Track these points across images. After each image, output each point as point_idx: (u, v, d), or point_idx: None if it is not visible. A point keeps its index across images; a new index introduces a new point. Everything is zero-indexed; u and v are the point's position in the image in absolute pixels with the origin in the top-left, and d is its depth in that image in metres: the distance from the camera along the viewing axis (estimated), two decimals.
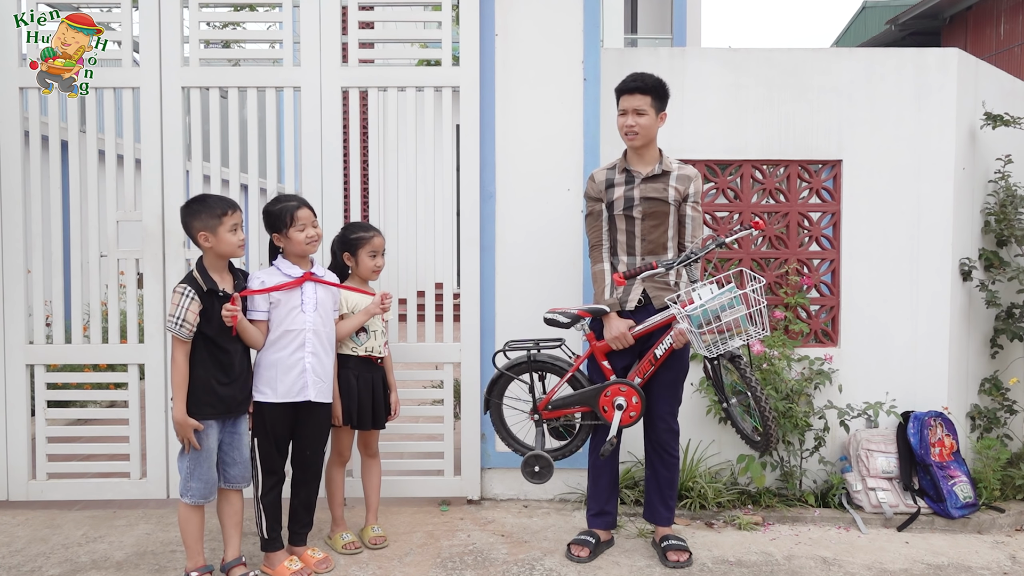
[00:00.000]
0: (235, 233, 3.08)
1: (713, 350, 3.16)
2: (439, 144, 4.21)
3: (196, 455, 3.07)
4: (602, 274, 3.42)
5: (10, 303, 4.06)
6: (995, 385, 4.56)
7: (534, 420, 3.52)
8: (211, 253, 3.09)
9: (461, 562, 3.43)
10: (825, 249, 4.41)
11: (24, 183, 4.05)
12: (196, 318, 3.01)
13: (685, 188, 3.38)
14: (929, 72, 4.32)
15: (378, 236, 3.56)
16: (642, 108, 3.32)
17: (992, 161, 4.56)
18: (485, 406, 3.61)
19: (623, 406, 3.29)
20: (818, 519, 3.98)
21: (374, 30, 4.24)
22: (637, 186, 3.37)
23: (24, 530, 3.77)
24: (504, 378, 3.56)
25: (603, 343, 3.38)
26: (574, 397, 3.43)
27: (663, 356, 3.31)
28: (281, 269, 3.27)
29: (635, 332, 3.33)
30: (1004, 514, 4.00)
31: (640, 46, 12.48)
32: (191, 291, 3.00)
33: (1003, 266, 4.48)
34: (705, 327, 3.11)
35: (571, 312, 3.37)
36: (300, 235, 3.22)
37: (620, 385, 3.32)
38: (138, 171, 4.10)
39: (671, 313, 3.23)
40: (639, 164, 3.41)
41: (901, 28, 12.70)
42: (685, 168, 3.42)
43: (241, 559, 3.27)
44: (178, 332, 2.99)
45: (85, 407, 4.69)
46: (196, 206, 3.09)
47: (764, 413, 3.15)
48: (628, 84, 3.37)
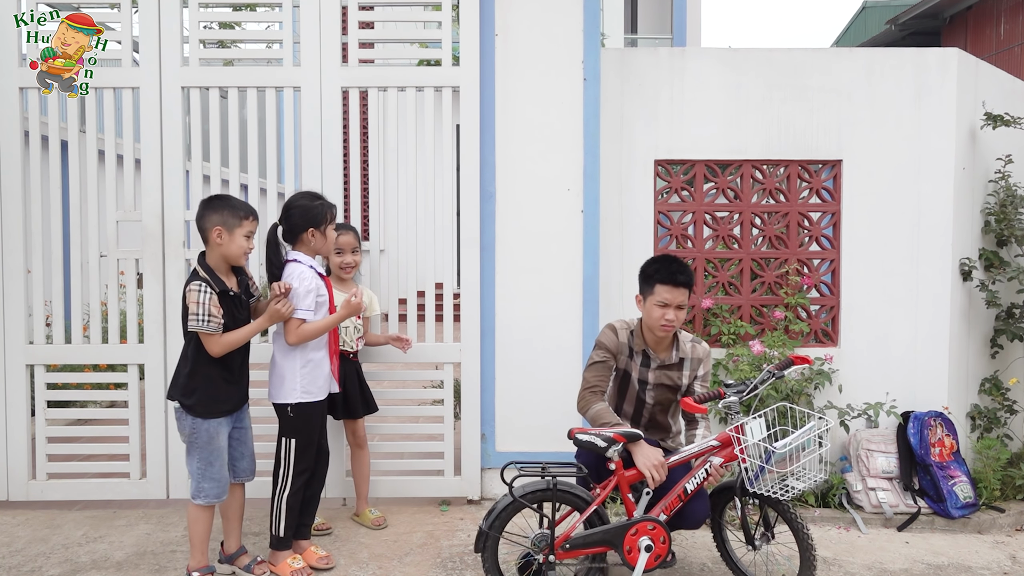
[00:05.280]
0: (248, 240, 3.11)
1: (775, 491, 2.83)
2: (439, 144, 4.21)
3: (209, 455, 3.07)
4: (606, 411, 3.07)
5: (10, 303, 4.06)
6: (995, 385, 4.56)
7: (544, 562, 2.90)
8: (217, 252, 3.08)
9: (461, 562, 3.43)
10: (825, 249, 4.41)
11: (24, 183, 4.05)
12: (220, 309, 3.00)
13: (695, 371, 3.20)
14: (929, 72, 4.32)
15: (345, 234, 3.64)
16: (684, 303, 3.06)
17: (992, 161, 4.56)
18: (481, 542, 2.95)
19: (651, 547, 2.87)
20: (818, 519, 3.98)
21: (374, 30, 4.24)
22: (652, 370, 3.18)
23: (24, 530, 3.77)
24: (514, 507, 2.93)
25: (632, 473, 2.96)
26: (597, 535, 2.91)
27: (694, 491, 2.98)
28: (315, 268, 3.32)
29: (670, 462, 2.98)
30: (1004, 514, 4.00)
31: (640, 46, 12.48)
32: (206, 286, 2.99)
33: (1003, 266, 4.47)
34: (776, 465, 2.79)
35: (607, 435, 2.89)
36: (333, 234, 3.37)
37: (648, 523, 2.90)
38: (138, 171, 4.10)
39: (710, 444, 2.95)
40: (657, 348, 3.19)
41: (901, 28, 12.69)
42: (698, 348, 3.22)
43: (243, 548, 3.31)
44: (207, 328, 2.98)
45: (85, 407, 4.69)
46: (219, 203, 3.10)
47: (807, 555, 2.88)
48: (676, 278, 3.03)
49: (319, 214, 3.27)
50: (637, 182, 4.30)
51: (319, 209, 3.27)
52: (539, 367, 4.09)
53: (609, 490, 2.98)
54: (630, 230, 4.28)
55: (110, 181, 4.08)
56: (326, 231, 3.31)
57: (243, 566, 3.28)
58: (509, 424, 4.12)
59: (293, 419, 3.25)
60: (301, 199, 3.30)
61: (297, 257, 3.28)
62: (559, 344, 4.08)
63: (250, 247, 3.13)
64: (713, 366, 4.23)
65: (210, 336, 3.00)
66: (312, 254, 3.33)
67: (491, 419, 4.13)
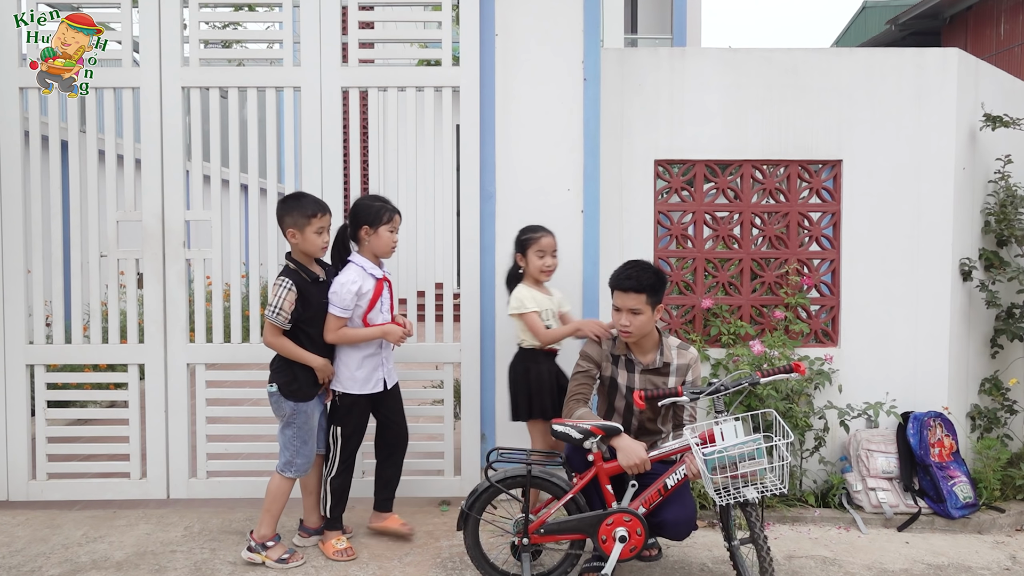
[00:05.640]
0: (320, 235, 3.34)
1: (723, 496, 2.85)
2: (439, 144, 4.21)
3: (305, 434, 3.36)
4: (588, 414, 3.16)
5: (10, 303, 4.07)
6: (995, 385, 4.56)
7: (520, 544, 3.07)
8: (296, 249, 3.36)
9: (461, 562, 3.43)
10: (825, 249, 4.41)
11: (24, 183, 4.05)
12: (292, 307, 3.27)
13: (682, 377, 3.20)
14: (929, 72, 4.32)
15: (547, 236, 3.67)
16: (637, 308, 3.07)
17: (992, 161, 4.56)
18: (462, 520, 3.15)
19: (626, 538, 2.95)
20: (818, 519, 3.98)
21: (374, 30, 4.24)
22: (638, 375, 3.20)
23: (24, 530, 3.77)
24: (492, 491, 3.13)
25: (611, 465, 3.04)
26: (572, 523, 3.04)
27: (674, 487, 3.01)
28: (365, 268, 3.42)
29: (652, 457, 3.02)
30: (1004, 514, 4.00)
31: (640, 46, 12.48)
32: (290, 283, 3.27)
33: (1003, 266, 4.47)
34: (719, 471, 2.82)
35: (583, 427, 3.01)
36: (389, 236, 3.44)
37: (624, 514, 2.97)
38: (138, 171, 4.10)
39: (688, 442, 2.96)
40: (639, 353, 3.21)
41: (901, 28, 12.69)
42: (685, 354, 3.22)
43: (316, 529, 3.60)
44: (275, 319, 3.27)
45: (85, 407, 4.69)
46: (291, 203, 3.34)
47: (764, 566, 2.88)
48: (623, 282, 3.10)
49: (373, 213, 3.40)
50: (637, 182, 4.30)
51: (374, 209, 3.41)
52: None
53: (586, 480, 3.08)
54: (630, 230, 4.28)
55: (110, 181, 4.09)
56: (380, 231, 3.40)
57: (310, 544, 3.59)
58: (509, 424, 4.11)
59: (339, 408, 3.48)
60: (363, 199, 3.49)
61: (352, 258, 3.44)
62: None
63: (324, 241, 3.37)
64: (713, 366, 4.23)
65: (273, 327, 3.29)
66: (370, 255, 3.45)
67: (491, 419, 4.13)
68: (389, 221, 3.42)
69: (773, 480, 2.87)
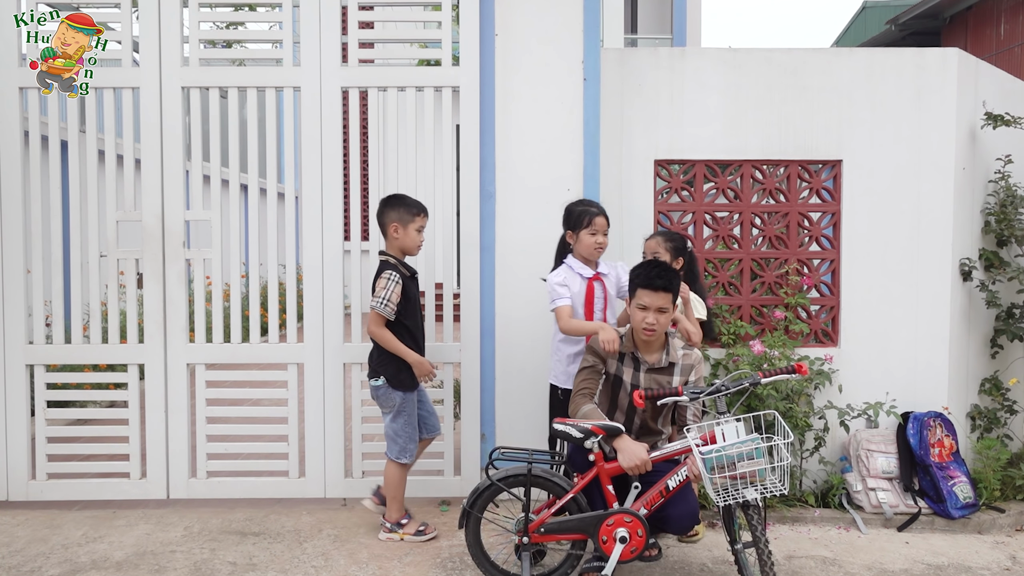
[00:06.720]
0: (420, 233, 3.56)
1: (723, 497, 2.84)
2: (439, 144, 4.21)
3: (411, 422, 3.59)
4: (594, 410, 3.14)
5: (10, 303, 4.06)
6: (995, 385, 4.56)
7: (520, 543, 3.08)
8: (396, 245, 3.55)
9: (461, 562, 3.43)
10: (825, 249, 4.41)
11: (24, 183, 4.05)
12: (399, 299, 3.45)
13: (686, 377, 3.20)
14: (929, 72, 4.32)
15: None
16: (665, 307, 3.06)
17: (992, 161, 4.56)
18: (464, 519, 3.18)
19: (626, 539, 2.95)
20: (818, 519, 3.98)
21: (374, 30, 4.24)
22: (643, 374, 3.19)
23: (24, 530, 3.77)
24: (493, 489, 3.15)
25: (612, 465, 3.04)
26: (572, 523, 3.04)
27: (676, 488, 3.01)
28: (573, 268, 3.55)
29: (653, 458, 3.02)
30: (1004, 514, 4.00)
31: (640, 46, 12.48)
32: (397, 276, 3.46)
33: (1003, 266, 4.47)
34: (718, 472, 2.82)
35: (584, 426, 3.00)
36: (591, 239, 3.52)
37: (625, 515, 2.97)
38: (138, 171, 4.10)
39: (689, 443, 2.94)
40: (646, 351, 3.21)
41: (901, 28, 12.68)
42: (690, 355, 3.23)
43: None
44: (382, 310, 3.43)
45: (85, 407, 4.68)
46: (395, 201, 3.56)
47: (764, 568, 2.86)
48: (654, 281, 3.05)
49: (574, 218, 3.55)
50: (637, 182, 4.30)
51: (574, 214, 3.56)
52: (539, 367, 4.08)
53: (587, 480, 3.08)
54: (630, 230, 4.28)
55: (110, 181, 4.08)
56: (581, 234, 3.52)
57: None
58: (509, 424, 4.11)
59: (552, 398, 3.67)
60: (570, 204, 3.64)
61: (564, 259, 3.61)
62: None
63: (421, 240, 3.58)
64: (713, 366, 4.23)
65: (377, 316, 3.45)
66: (579, 256, 3.57)
67: (491, 419, 4.13)
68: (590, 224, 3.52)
69: (774, 481, 2.86)
